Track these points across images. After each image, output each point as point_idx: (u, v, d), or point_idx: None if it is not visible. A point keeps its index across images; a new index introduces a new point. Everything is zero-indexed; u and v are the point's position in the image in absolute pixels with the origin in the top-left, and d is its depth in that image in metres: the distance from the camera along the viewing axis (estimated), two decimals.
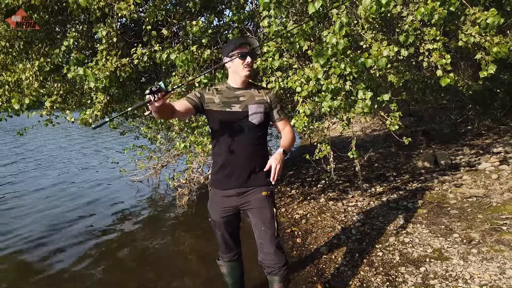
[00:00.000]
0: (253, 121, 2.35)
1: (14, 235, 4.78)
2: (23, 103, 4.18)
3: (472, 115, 8.29)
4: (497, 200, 4.33)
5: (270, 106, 2.43)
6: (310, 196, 5.56)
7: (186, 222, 5.13)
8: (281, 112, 2.50)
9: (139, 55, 3.80)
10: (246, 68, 2.32)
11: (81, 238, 4.65)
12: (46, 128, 4.95)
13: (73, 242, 4.54)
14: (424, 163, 6.16)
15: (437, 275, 3.03)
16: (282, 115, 2.50)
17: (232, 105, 2.36)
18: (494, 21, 2.87)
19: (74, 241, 4.56)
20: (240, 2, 4.10)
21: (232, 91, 2.40)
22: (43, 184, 7.54)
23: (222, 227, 2.54)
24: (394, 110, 3.51)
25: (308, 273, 3.40)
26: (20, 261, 4.07)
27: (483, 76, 3.15)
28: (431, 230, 3.84)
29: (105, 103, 4.48)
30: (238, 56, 2.29)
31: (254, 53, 2.39)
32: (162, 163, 6.40)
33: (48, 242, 4.58)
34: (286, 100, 4.48)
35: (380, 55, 2.95)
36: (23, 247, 4.43)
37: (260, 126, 2.38)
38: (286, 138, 2.45)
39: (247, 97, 2.38)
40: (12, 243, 4.54)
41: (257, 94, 2.42)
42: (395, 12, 3.25)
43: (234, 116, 2.35)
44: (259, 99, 2.40)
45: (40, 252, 4.27)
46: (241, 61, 2.30)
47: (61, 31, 4.52)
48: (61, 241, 4.59)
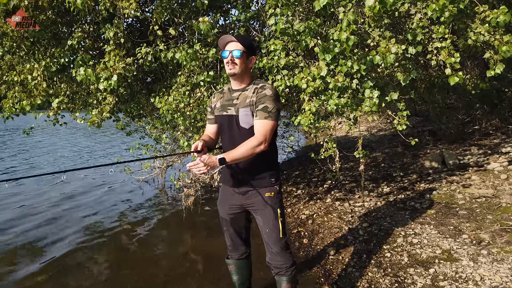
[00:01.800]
0: (243, 125, 2.27)
1: (14, 235, 4.78)
2: (34, 103, 4.18)
3: (480, 115, 8.21)
4: (507, 201, 4.27)
5: (254, 106, 2.22)
6: (316, 197, 5.52)
7: (192, 222, 5.12)
8: (260, 112, 2.18)
9: (144, 54, 3.79)
10: (227, 65, 2.23)
11: (85, 238, 4.64)
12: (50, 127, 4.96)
13: (77, 241, 4.53)
14: (431, 163, 6.10)
15: (446, 276, 2.99)
16: (258, 116, 2.19)
17: (228, 108, 2.34)
18: (505, 19, 2.82)
19: (78, 241, 4.54)
20: (246, 1, 4.09)
21: (230, 93, 2.37)
22: (43, 183, 7.57)
23: (229, 225, 2.56)
24: (402, 109, 3.47)
25: (315, 274, 3.37)
26: (22, 261, 4.07)
27: (490, 75, 3.10)
28: (439, 231, 3.79)
29: (114, 103, 4.48)
30: (221, 55, 2.27)
31: (239, 50, 2.19)
32: (168, 163, 6.40)
33: (49, 241, 4.57)
34: (292, 99, 4.45)
35: (388, 52, 2.91)
36: (25, 247, 4.42)
37: (253, 128, 2.25)
38: (239, 146, 2.15)
39: (240, 100, 2.28)
40: (13, 242, 4.55)
41: (250, 95, 2.25)
42: (403, 10, 3.21)
43: (229, 120, 2.34)
44: (249, 101, 2.24)
45: (43, 251, 4.27)
46: (225, 60, 2.25)
47: (68, 31, 4.52)
48: (64, 240, 4.58)
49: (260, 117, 2.18)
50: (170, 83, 4.42)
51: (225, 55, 2.22)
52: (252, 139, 2.16)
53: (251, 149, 2.13)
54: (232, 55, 2.20)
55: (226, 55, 2.22)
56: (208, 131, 2.55)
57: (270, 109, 2.18)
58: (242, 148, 2.13)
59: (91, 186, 7.36)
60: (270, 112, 2.18)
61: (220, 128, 2.46)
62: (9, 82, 4.34)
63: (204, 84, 3.80)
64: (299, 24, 3.13)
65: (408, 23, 3.27)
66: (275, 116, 2.21)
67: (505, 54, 2.94)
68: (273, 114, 2.19)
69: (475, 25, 3.07)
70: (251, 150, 2.13)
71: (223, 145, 2.47)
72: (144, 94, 4.93)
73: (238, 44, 2.20)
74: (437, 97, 6.78)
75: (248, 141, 2.15)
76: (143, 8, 4.68)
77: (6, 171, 8.96)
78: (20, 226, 5.11)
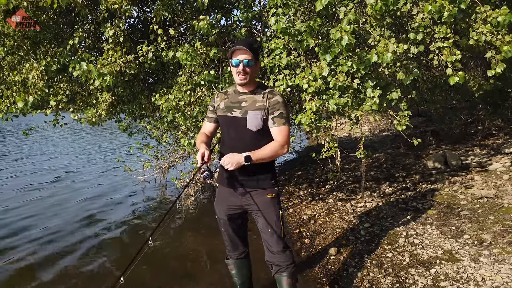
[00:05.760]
0: (251, 128, 2.31)
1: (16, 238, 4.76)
2: (27, 101, 4.18)
3: (483, 115, 8.19)
4: (509, 201, 4.25)
5: (268, 112, 2.30)
6: (318, 197, 5.52)
7: (192, 222, 5.12)
8: (278, 119, 2.28)
9: (144, 52, 3.80)
10: (238, 75, 2.25)
11: (85, 238, 4.63)
12: (53, 129, 4.98)
13: (76, 241, 4.53)
14: (434, 164, 6.08)
15: (448, 277, 2.98)
16: (276, 123, 2.29)
17: (234, 110, 2.37)
18: (505, 19, 2.81)
19: (77, 240, 4.55)
20: (248, 2, 4.09)
21: (236, 96, 2.39)
22: (43, 183, 7.59)
23: (227, 225, 2.57)
24: (403, 109, 3.46)
25: (317, 274, 3.36)
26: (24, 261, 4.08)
27: (491, 74, 3.09)
28: (441, 231, 3.78)
29: (110, 102, 4.48)
30: (231, 63, 2.28)
31: (249, 59, 2.22)
32: (170, 164, 6.40)
33: (47, 240, 4.58)
34: (293, 98, 4.45)
35: (386, 51, 2.91)
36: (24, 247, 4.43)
37: (260, 132, 2.33)
38: (264, 147, 2.25)
39: (249, 103, 2.33)
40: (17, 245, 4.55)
41: (259, 99, 2.32)
42: (405, 10, 3.20)
43: (234, 121, 2.36)
44: (260, 105, 2.30)
45: (43, 252, 4.26)
46: (235, 68, 2.26)
47: (69, 31, 4.54)
48: (63, 239, 4.59)
49: (278, 124, 2.29)
50: (171, 83, 4.43)
51: (236, 64, 2.24)
52: (276, 142, 2.28)
53: (276, 152, 2.26)
54: (244, 65, 2.22)
55: (237, 64, 2.23)
56: (206, 128, 2.58)
57: (285, 115, 2.31)
58: (268, 149, 2.25)
59: (91, 185, 7.38)
60: (286, 118, 2.31)
61: (223, 128, 2.49)
62: (10, 82, 4.36)
63: (205, 84, 3.81)
64: (301, 24, 3.13)
65: (411, 22, 3.26)
66: (289, 121, 2.37)
67: (506, 54, 2.92)
68: (288, 119, 2.33)
69: (477, 25, 3.06)
70: (276, 152, 2.27)
71: (225, 144, 2.47)
72: (146, 95, 4.94)
73: (248, 52, 2.21)
74: (439, 97, 6.78)
75: (273, 143, 2.27)
76: (145, 8, 4.70)
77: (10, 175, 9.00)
78: (20, 224, 5.13)
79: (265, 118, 2.31)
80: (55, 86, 4.60)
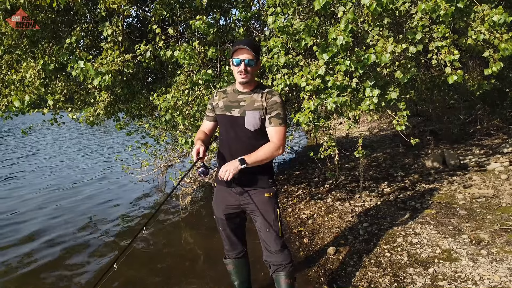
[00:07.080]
0: (249, 127, 2.32)
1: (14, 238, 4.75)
2: (23, 100, 4.17)
3: (481, 115, 8.19)
4: (507, 201, 4.25)
5: (266, 111, 2.31)
6: (317, 196, 5.52)
7: (190, 221, 5.11)
8: (275, 119, 2.29)
9: (142, 51, 3.80)
10: (240, 74, 2.26)
11: (83, 238, 4.61)
12: (52, 128, 4.97)
13: (75, 240, 4.52)
14: (432, 163, 6.09)
15: (446, 276, 2.98)
16: (273, 123, 2.29)
17: (232, 110, 2.37)
18: (500, 18, 2.81)
19: (76, 240, 4.54)
20: (246, 1, 4.08)
21: (236, 95, 2.39)
22: (43, 184, 7.57)
23: (225, 224, 2.58)
24: (402, 109, 3.46)
25: (315, 274, 3.36)
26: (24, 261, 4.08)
27: (488, 73, 3.09)
28: (439, 231, 3.78)
29: (109, 101, 4.47)
30: (232, 62, 2.28)
31: (250, 59, 2.23)
32: (168, 163, 6.40)
33: (45, 239, 4.57)
34: (292, 97, 4.44)
35: (384, 51, 2.91)
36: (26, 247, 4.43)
37: (257, 131, 2.33)
38: (259, 149, 2.25)
39: (247, 102, 2.33)
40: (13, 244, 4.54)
41: (258, 99, 2.32)
42: (403, 10, 3.20)
43: (232, 121, 2.37)
44: (258, 105, 2.31)
45: (43, 252, 4.25)
46: (236, 67, 2.27)
47: (67, 30, 4.53)
48: (61, 239, 4.57)
49: (275, 124, 2.29)
50: (170, 82, 4.42)
51: (237, 63, 2.24)
52: (271, 143, 2.27)
53: (271, 153, 2.25)
54: (245, 64, 2.22)
55: (238, 64, 2.23)
56: (204, 127, 2.60)
57: (282, 115, 2.30)
58: (262, 151, 2.24)
59: (90, 185, 7.37)
60: (283, 119, 2.31)
61: (221, 127, 2.50)
62: (8, 81, 4.35)
63: (203, 83, 3.81)
64: (299, 23, 3.13)
65: (409, 22, 3.26)
66: (286, 121, 2.35)
67: (503, 52, 2.92)
68: (285, 119, 2.33)
69: (476, 24, 3.06)
70: (271, 154, 2.26)
71: (223, 144, 2.48)
72: (144, 94, 4.93)
73: (250, 52, 2.21)
74: (438, 97, 6.78)
75: (267, 145, 2.27)
76: (143, 7, 4.69)
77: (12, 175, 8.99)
78: (18, 223, 5.12)
79: (263, 118, 2.31)
80: (53, 85, 4.58)
